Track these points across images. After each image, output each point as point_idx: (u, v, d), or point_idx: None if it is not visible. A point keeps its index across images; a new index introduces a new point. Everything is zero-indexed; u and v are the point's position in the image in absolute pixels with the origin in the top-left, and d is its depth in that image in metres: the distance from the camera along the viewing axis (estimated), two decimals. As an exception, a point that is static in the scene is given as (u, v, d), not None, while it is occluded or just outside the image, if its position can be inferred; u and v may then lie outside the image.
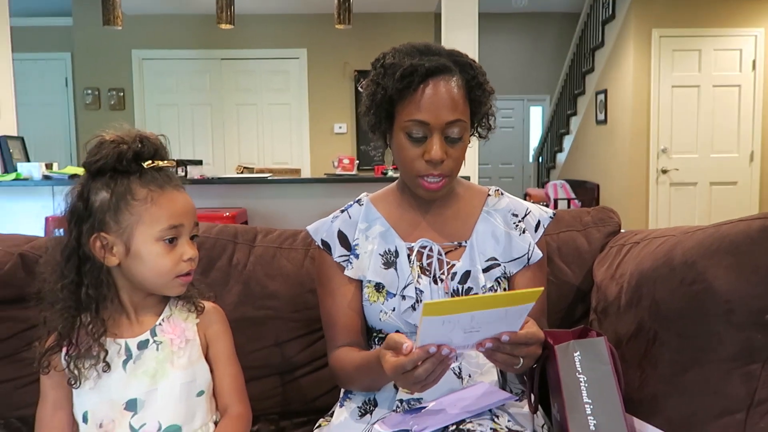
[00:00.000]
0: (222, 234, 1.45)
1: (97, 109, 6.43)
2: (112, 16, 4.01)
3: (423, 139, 1.01)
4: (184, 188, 0.94)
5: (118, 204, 0.87)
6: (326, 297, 1.15)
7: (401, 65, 1.01)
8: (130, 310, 0.93)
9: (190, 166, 3.78)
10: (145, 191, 0.88)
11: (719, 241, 0.94)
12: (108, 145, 0.87)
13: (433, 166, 1.02)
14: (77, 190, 0.89)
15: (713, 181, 5.39)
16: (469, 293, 1.07)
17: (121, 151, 0.86)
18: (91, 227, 0.87)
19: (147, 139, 0.89)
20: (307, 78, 6.52)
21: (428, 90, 0.99)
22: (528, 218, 1.14)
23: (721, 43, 5.30)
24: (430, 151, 1.00)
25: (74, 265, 0.88)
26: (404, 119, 1.01)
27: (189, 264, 0.91)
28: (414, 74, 0.99)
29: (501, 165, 8.19)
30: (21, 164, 3.76)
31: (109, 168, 0.87)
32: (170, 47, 6.42)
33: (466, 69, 1.04)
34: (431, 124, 1.00)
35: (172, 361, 0.91)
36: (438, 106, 0.99)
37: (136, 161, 0.88)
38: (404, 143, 1.03)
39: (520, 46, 7.82)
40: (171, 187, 0.90)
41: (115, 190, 0.87)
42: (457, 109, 1.01)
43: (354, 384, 1.09)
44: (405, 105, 1.01)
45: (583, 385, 0.86)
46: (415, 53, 1.03)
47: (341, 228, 1.14)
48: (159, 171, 0.90)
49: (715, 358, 0.89)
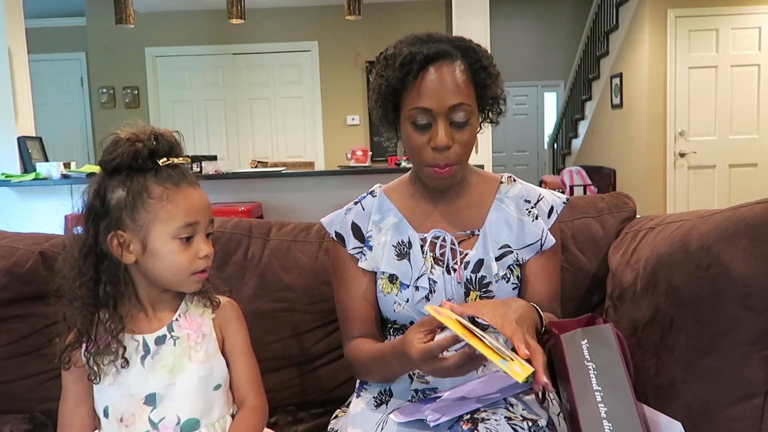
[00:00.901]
0: (237, 228, 1.47)
1: (113, 108, 6.50)
2: (125, 15, 4.04)
3: (428, 126, 1.01)
4: (199, 185, 0.94)
5: (135, 202, 0.87)
6: (341, 288, 1.15)
7: (401, 54, 1.01)
8: (147, 306, 0.94)
9: (204, 162, 3.81)
10: (160, 189, 0.88)
11: (736, 225, 0.92)
12: (123, 144, 0.87)
13: (440, 152, 1.01)
14: (94, 189, 0.90)
15: (732, 163, 5.30)
16: (482, 282, 1.07)
17: (137, 149, 0.87)
18: (108, 225, 0.88)
19: (162, 136, 0.90)
20: (319, 70, 6.52)
21: (428, 76, 0.99)
22: (541, 204, 1.14)
23: (738, 22, 5.18)
24: (435, 138, 1.00)
25: (92, 262, 0.89)
26: (408, 108, 1.02)
27: (205, 261, 0.92)
28: (413, 62, 0.99)
29: (516, 152, 8.14)
30: (40, 164, 3.82)
31: (125, 166, 0.88)
32: (182, 44, 6.45)
33: (468, 53, 1.03)
34: (434, 110, 0.99)
35: (190, 356, 0.92)
36: (439, 91, 0.99)
37: (152, 159, 0.89)
38: (410, 132, 1.03)
39: (533, 32, 7.73)
40: (186, 184, 0.91)
41: (131, 188, 0.88)
42: (461, 92, 1.00)
43: (369, 375, 1.10)
44: (408, 94, 1.01)
45: (592, 373, 0.85)
46: (416, 42, 1.03)
47: (355, 220, 1.15)
48: (174, 168, 0.91)
49: (732, 342, 0.88)
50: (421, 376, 1.06)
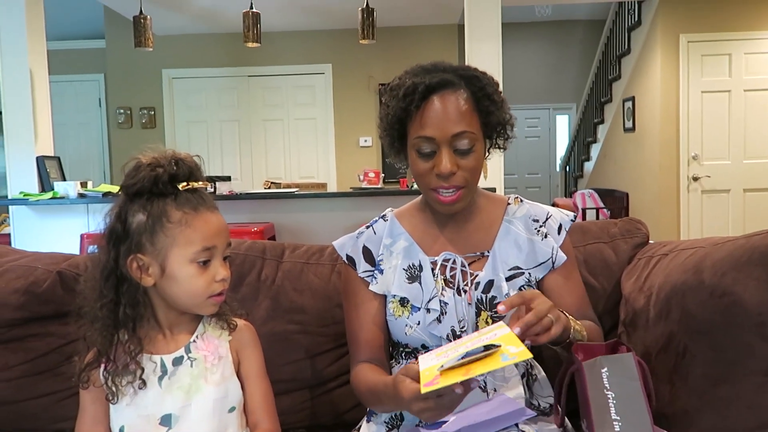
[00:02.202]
0: (251, 250, 1.48)
1: (129, 128, 6.60)
2: (144, 38, 4.13)
3: (432, 154, 1.03)
4: (217, 208, 0.96)
5: (154, 226, 0.89)
6: (351, 311, 1.17)
7: (404, 85, 1.04)
8: (166, 328, 0.95)
9: (218, 183, 3.85)
10: (179, 214, 0.90)
11: (749, 253, 0.92)
12: (145, 169, 0.89)
13: (444, 179, 1.03)
14: (115, 212, 0.92)
15: (747, 187, 5.26)
16: (492, 302, 1.08)
17: (157, 174, 0.89)
18: (129, 248, 0.90)
19: (182, 160, 0.92)
20: (332, 92, 6.60)
21: (431, 106, 1.01)
22: (549, 222, 1.15)
23: (751, 47, 5.19)
24: (439, 165, 1.02)
25: (113, 284, 0.91)
26: (413, 136, 1.04)
27: (222, 284, 0.93)
28: (415, 92, 1.01)
29: (528, 175, 8.13)
30: (57, 183, 3.88)
31: (146, 191, 0.90)
32: (199, 66, 6.57)
33: (472, 81, 1.05)
34: (437, 138, 1.01)
35: (206, 377, 0.93)
36: (442, 120, 1.01)
37: (172, 183, 0.91)
38: (415, 159, 1.05)
39: (545, 55, 7.78)
40: (204, 208, 0.93)
41: (151, 212, 0.89)
42: (463, 120, 1.02)
43: (367, 404, 1.11)
44: (412, 123, 1.04)
45: (611, 402, 0.85)
46: (420, 72, 1.06)
47: (366, 244, 1.17)
48: (193, 192, 0.93)
49: (747, 371, 0.88)
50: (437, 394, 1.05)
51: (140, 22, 4.11)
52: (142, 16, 4.13)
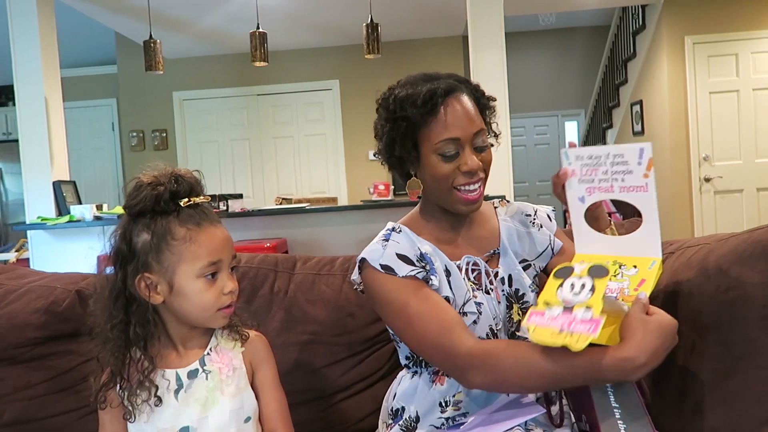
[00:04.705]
0: (263, 263, 1.51)
1: (142, 150, 6.71)
2: (154, 62, 4.21)
3: (455, 155, 1.05)
4: (220, 222, 0.97)
5: (159, 245, 0.91)
6: (414, 309, 1.02)
7: (419, 93, 1.05)
8: (178, 343, 0.97)
9: (231, 200, 3.90)
10: (183, 230, 0.91)
11: (753, 247, 0.93)
12: (145, 188, 0.91)
13: (471, 175, 1.06)
14: (119, 233, 0.93)
15: (760, 186, 5.22)
16: (518, 294, 1.12)
17: (158, 192, 0.90)
18: (136, 268, 0.91)
19: (182, 177, 0.93)
20: (340, 108, 6.67)
21: (450, 108, 1.05)
22: (539, 214, 1.23)
23: (758, 46, 5.17)
24: (467, 163, 1.05)
25: (122, 305, 0.92)
26: (434, 141, 1.04)
27: (230, 297, 0.95)
28: (435, 96, 1.04)
29: (538, 182, 8.11)
30: (73, 207, 3.95)
31: (148, 210, 0.91)
32: (208, 87, 6.67)
33: (467, 84, 1.11)
34: (461, 138, 1.04)
35: (222, 389, 0.95)
36: (463, 121, 1.05)
37: (173, 200, 0.92)
38: (438, 164, 1.05)
39: (551, 62, 7.80)
40: (208, 222, 0.94)
41: (155, 231, 0.91)
42: (477, 118, 1.08)
43: (530, 378, 0.89)
44: (432, 129, 1.05)
45: (609, 391, 0.87)
46: (421, 81, 1.08)
47: (397, 251, 1.08)
48: (195, 208, 0.94)
49: (755, 365, 0.88)
50: (456, 403, 1.07)
51: (150, 47, 4.20)
52: (152, 40, 4.22)
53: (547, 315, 0.84)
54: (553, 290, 0.87)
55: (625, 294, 0.87)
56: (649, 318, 0.82)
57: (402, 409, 1.14)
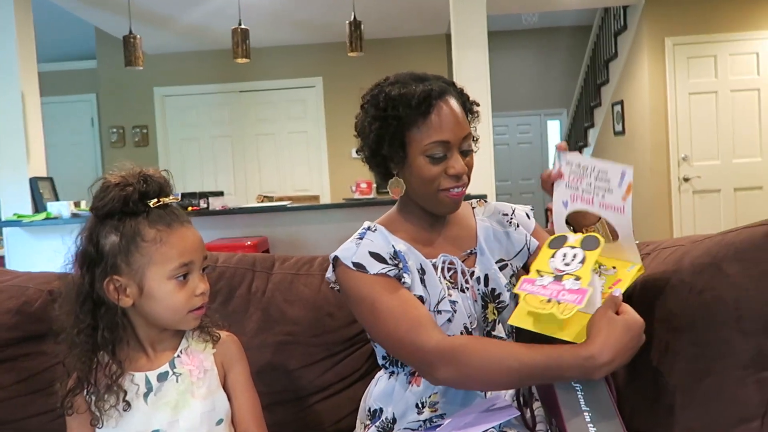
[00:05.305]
0: (241, 263, 1.50)
1: (122, 147, 6.62)
2: (134, 57, 4.16)
3: (443, 158, 1.05)
4: (191, 222, 0.95)
5: (128, 246, 0.88)
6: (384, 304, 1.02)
7: (413, 93, 1.04)
8: (147, 346, 0.95)
9: (212, 198, 3.86)
10: (153, 231, 0.89)
11: (726, 249, 0.94)
12: (113, 189, 0.89)
13: (457, 179, 1.06)
14: (86, 235, 0.91)
15: (737, 186, 5.30)
16: (494, 293, 1.12)
17: (127, 193, 0.88)
18: (104, 271, 0.89)
19: (151, 177, 0.91)
20: (323, 105, 6.64)
21: (442, 111, 1.04)
22: (517, 213, 1.23)
23: (736, 48, 5.25)
24: (455, 166, 1.05)
25: (89, 309, 0.90)
26: (424, 143, 1.04)
27: (201, 298, 0.93)
28: (429, 98, 1.03)
29: (521, 181, 8.16)
30: (50, 203, 3.89)
31: (116, 211, 0.89)
32: (190, 83, 6.60)
33: (454, 87, 1.12)
34: (451, 141, 1.04)
35: (193, 392, 0.94)
36: (453, 124, 1.05)
37: (142, 201, 0.90)
38: (425, 166, 1.05)
39: (534, 62, 7.84)
40: (178, 223, 0.92)
41: (124, 232, 0.88)
42: (465, 122, 1.08)
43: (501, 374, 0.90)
44: (421, 130, 1.04)
45: (579, 393, 0.87)
46: (412, 81, 1.07)
47: (370, 250, 1.08)
48: (165, 208, 0.92)
49: (728, 366, 0.89)
50: (432, 404, 1.07)
51: (130, 42, 4.14)
52: (131, 35, 4.17)
53: (538, 283, 0.86)
54: (546, 259, 0.89)
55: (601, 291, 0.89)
56: (615, 317, 0.83)
57: (380, 410, 1.14)
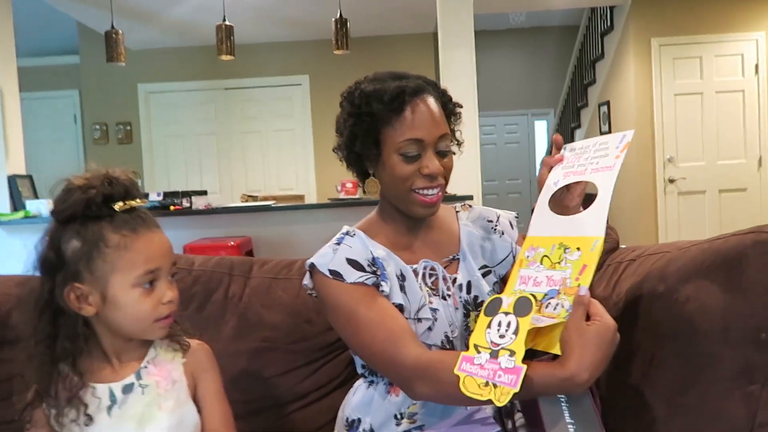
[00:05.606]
0: (218, 267, 1.46)
1: (106, 144, 6.52)
2: (116, 53, 4.08)
3: (417, 156, 1.03)
4: (159, 227, 0.91)
5: (91, 253, 0.84)
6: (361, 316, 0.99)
7: (386, 89, 1.02)
8: (113, 356, 0.91)
9: (195, 197, 3.80)
10: (117, 237, 0.85)
11: (712, 257, 0.92)
12: (76, 191, 0.84)
13: (431, 179, 1.03)
14: (47, 240, 0.86)
15: (722, 188, 5.33)
16: (476, 301, 1.09)
17: (90, 196, 0.84)
18: (64, 278, 0.84)
19: (116, 179, 0.87)
20: (310, 103, 6.58)
21: (416, 109, 1.02)
22: (501, 220, 1.20)
23: (722, 49, 5.27)
24: (428, 166, 1.02)
25: (49, 318, 0.85)
26: (397, 140, 1.02)
27: (169, 306, 0.89)
28: (402, 94, 1.02)
29: (508, 181, 8.16)
30: (29, 201, 3.81)
31: (78, 215, 0.84)
32: (175, 80, 6.51)
33: (435, 87, 1.09)
34: (425, 140, 1.02)
35: (159, 405, 0.89)
36: (428, 122, 1.02)
37: (107, 204, 0.85)
38: (398, 164, 1.03)
39: (521, 62, 7.84)
40: (144, 228, 0.87)
41: (87, 238, 0.84)
42: (443, 122, 1.06)
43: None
44: (395, 127, 1.02)
45: (563, 405, 0.85)
46: (389, 79, 1.06)
47: (348, 256, 1.05)
48: (131, 212, 0.87)
49: (714, 378, 0.87)
50: (411, 416, 1.04)
51: (112, 37, 4.06)
52: (113, 30, 4.09)
53: (476, 361, 0.82)
54: (483, 330, 0.84)
55: (567, 285, 0.86)
56: (587, 329, 0.80)
57: (357, 421, 1.11)
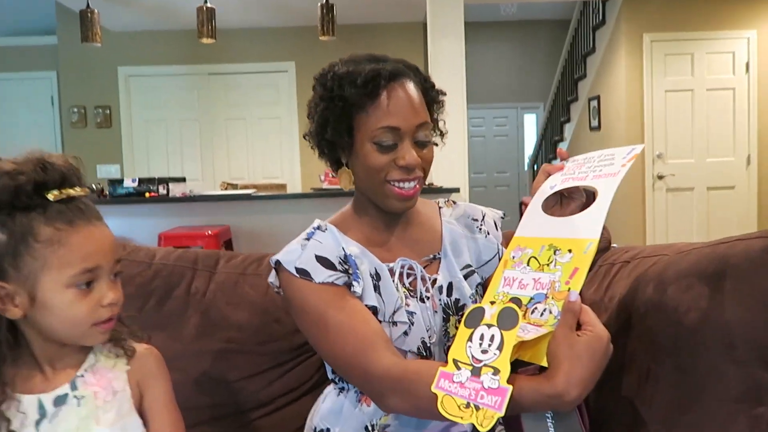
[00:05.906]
0: (181, 260, 1.35)
1: (84, 127, 6.33)
2: (91, 33, 3.93)
3: (393, 146, 0.94)
4: (102, 219, 0.80)
5: (17, 247, 0.74)
6: (330, 319, 0.92)
7: (361, 72, 0.93)
8: (44, 363, 0.80)
9: (172, 184, 3.67)
10: (49, 230, 0.74)
11: (717, 264, 0.83)
12: (3, 177, 0.74)
13: (408, 171, 0.95)
14: None
15: (710, 185, 5.29)
16: (457, 305, 1.01)
17: (19, 183, 0.73)
18: None
19: (51, 164, 0.76)
20: (296, 91, 6.44)
21: (393, 94, 0.94)
22: (486, 220, 1.11)
23: (713, 47, 5.22)
24: (405, 157, 0.94)
25: None
26: (372, 128, 0.93)
27: (109, 309, 0.79)
28: (378, 78, 0.93)
29: (496, 173, 8.10)
30: None
31: (5, 204, 0.74)
32: (156, 63, 6.33)
33: (417, 72, 1.00)
34: (402, 128, 0.93)
35: (98, 418, 0.79)
36: (405, 109, 0.94)
37: (39, 193, 0.75)
38: (372, 153, 0.94)
39: (512, 54, 7.76)
40: (83, 221, 0.77)
41: (14, 230, 0.74)
42: (423, 110, 0.97)
43: None
44: (370, 113, 0.94)
45: (549, 422, 0.77)
46: (366, 61, 0.97)
47: (317, 253, 0.96)
48: (68, 203, 0.77)
49: (716, 397, 0.78)
50: (383, 428, 0.96)
51: (87, 16, 3.90)
52: (89, 9, 3.93)
53: (456, 379, 0.74)
54: (463, 344, 0.75)
55: (556, 289, 0.79)
56: (577, 340, 0.72)
57: (326, 431, 1.02)
